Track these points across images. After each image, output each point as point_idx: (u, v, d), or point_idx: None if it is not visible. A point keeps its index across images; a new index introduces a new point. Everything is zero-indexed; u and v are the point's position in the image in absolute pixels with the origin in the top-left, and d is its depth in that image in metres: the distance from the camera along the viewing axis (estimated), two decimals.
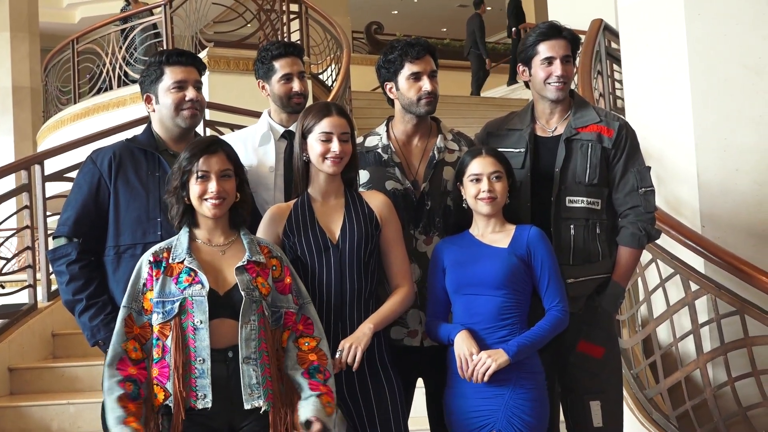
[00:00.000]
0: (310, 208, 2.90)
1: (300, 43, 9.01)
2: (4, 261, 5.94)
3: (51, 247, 3.07)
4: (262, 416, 2.55)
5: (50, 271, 5.81)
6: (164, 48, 9.21)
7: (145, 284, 2.61)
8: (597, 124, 3.14)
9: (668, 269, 4.26)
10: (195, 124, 3.11)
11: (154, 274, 2.60)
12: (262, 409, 2.53)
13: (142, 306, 2.60)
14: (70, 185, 5.86)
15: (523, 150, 3.15)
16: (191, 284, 2.56)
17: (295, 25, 10.02)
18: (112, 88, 9.87)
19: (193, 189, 2.66)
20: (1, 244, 6.28)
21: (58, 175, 5.96)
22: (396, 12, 22.05)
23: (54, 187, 6.15)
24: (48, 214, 5.98)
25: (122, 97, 9.46)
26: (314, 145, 2.87)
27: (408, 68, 3.07)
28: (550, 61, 3.12)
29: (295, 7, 10.00)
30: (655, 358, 4.27)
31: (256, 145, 3.41)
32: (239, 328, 2.54)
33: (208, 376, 2.51)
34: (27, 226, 5.84)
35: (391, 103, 3.18)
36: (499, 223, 2.95)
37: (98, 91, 10.17)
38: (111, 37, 10.19)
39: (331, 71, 10.03)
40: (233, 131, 6.43)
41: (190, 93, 3.05)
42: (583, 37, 6.38)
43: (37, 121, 13.40)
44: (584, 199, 3.09)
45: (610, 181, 3.14)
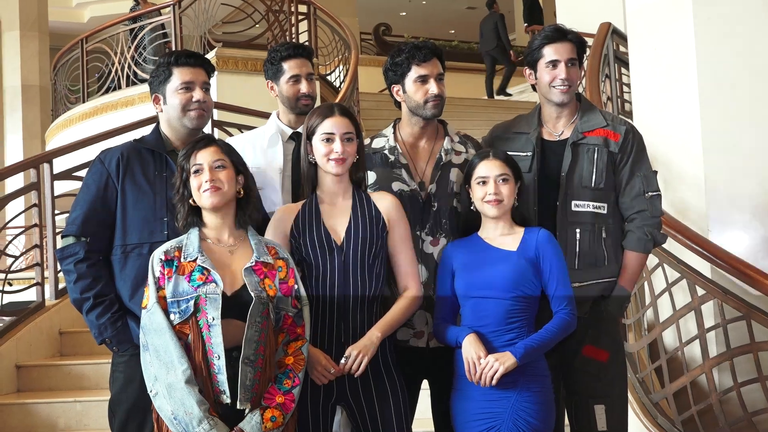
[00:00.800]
0: (317, 209, 2.91)
1: (309, 45, 9.03)
2: (13, 259, 5.94)
3: (59, 246, 3.09)
4: None
5: (58, 269, 5.83)
6: (173, 48, 9.24)
7: (158, 281, 2.62)
8: (604, 129, 3.14)
9: (675, 273, 4.26)
10: (202, 125, 3.13)
11: (166, 272, 2.61)
12: (246, 411, 2.55)
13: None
14: (79, 184, 5.93)
15: (529, 154, 3.15)
16: (205, 283, 2.57)
17: (304, 26, 10.03)
18: (120, 88, 9.89)
19: (192, 185, 2.69)
20: (10, 242, 6.31)
21: (67, 174, 5.99)
22: (404, 13, 22.06)
23: (62, 186, 6.17)
24: (56, 212, 6.00)
25: (131, 97, 9.48)
26: (318, 146, 2.87)
27: (415, 71, 3.07)
28: (554, 64, 3.13)
29: (303, 9, 10.01)
30: (661, 363, 4.27)
31: (265, 147, 3.42)
32: (246, 328, 2.55)
33: (224, 372, 2.53)
34: (35, 224, 5.86)
35: (399, 105, 3.19)
36: (508, 225, 2.95)
37: (107, 91, 10.20)
38: (120, 36, 10.21)
39: (339, 72, 10.04)
40: (241, 131, 6.47)
41: (197, 94, 3.07)
42: (591, 41, 6.39)
43: (46, 120, 13.45)
44: (590, 204, 3.09)
45: (617, 186, 3.14)
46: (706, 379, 4.09)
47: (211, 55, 8.55)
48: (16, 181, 9.08)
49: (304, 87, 3.41)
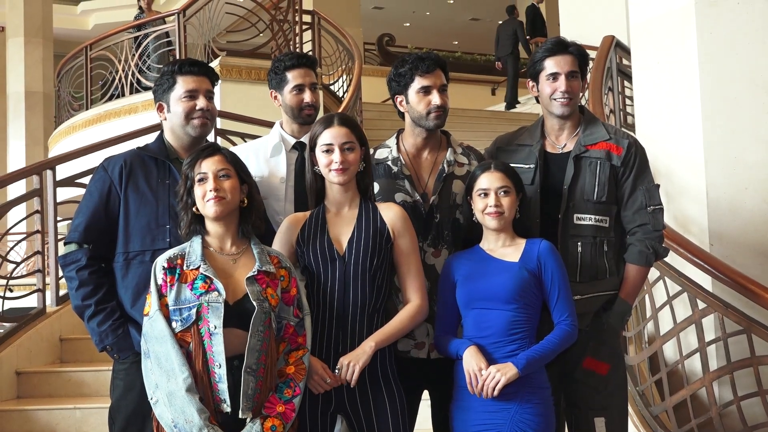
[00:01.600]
0: (323, 219, 2.92)
1: (312, 55, 9.06)
2: (14, 265, 5.95)
3: (62, 253, 3.10)
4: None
5: (59, 276, 5.84)
6: (177, 56, 9.26)
7: (160, 289, 2.62)
8: (606, 142, 3.14)
9: (676, 287, 4.26)
10: (205, 133, 3.14)
11: (168, 280, 2.61)
12: (247, 420, 2.56)
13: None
14: (81, 191, 5.93)
15: (532, 166, 3.16)
16: (207, 291, 2.58)
17: (308, 35, 10.07)
18: (124, 95, 9.91)
19: (196, 193, 2.70)
20: (12, 248, 6.33)
21: (69, 181, 5.99)
22: (408, 24, 22.13)
23: (65, 192, 6.18)
24: (58, 219, 6.01)
25: (134, 104, 9.50)
26: (319, 157, 2.89)
27: (418, 82, 3.08)
28: (555, 76, 3.13)
29: (307, 18, 10.06)
30: (661, 376, 4.27)
31: (268, 156, 3.43)
32: (248, 337, 2.55)
33: (225, 381, 2.53)
34: (37, 231, 5.87)
35: (402, 115, 3.20)
36: (509, 237, 2.95)
37: (110, 98, 10.22)
38: (124, 44, 10.25)
39: (343, 82, 10.08)
40: (244, 140, 6.48)
41: (200, 102, 3.08)
42: (594, 54, 6.41)
43: (49, 126, 13.50)
44: (592, 217, 3.09)
45: (619, 199, 3.14)
46: (707, 392, 4.09)
47: (215, 64, 8.56)
48: (18, 188, 9.10)
49: (307, 97, 3.41)
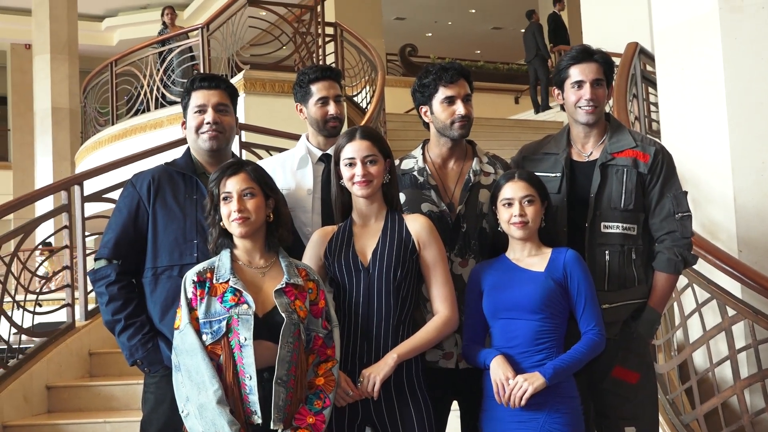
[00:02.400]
0: (350, 231, 2.93)
1: (333, 65, 9.09)
2: (43, 280, 6.00)
3: (92, 269, 3.13)
4: None
5: (88, 291, 5.89)
6: (201, 70, 9.33)
7: (190, 302, 2.64)
8: (633, 149, 3.12)
9: (704, 294, 4.23)
10: (218, 146, 3.14)
11: (198, 293, 2.63)
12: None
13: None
14: (108, 205, 5.99)
15: (559, 175, 3.15)
16: (237, 304, 2.59)
17: (330, 47, 10.11)
18: (149, 110, 10.00)
19: (222, 211, 2.71)
20: (41, 263, 6.38)
21: (97, 196, 6.04)
22: (430, 34, 22.15)
23: (92, 207, 6.23)
24: (87, 234, 6.05)
25: (159, 119, 9.58)
26: (343, 171, 2.90)
27: (442, 92, 3.08)
28: (580, 84, 3.12)
29: (330, 30, 10.10)
30: (692, 384, 4.24)
31: (294, 169, 3.45)
32: (278, 349, 2.56)
33: (256, 393, 2.54)
34: (66, 246, 5.92)
35: (427, 126, 3.20)
36: (535, 246, 2.95)
37: (136, 113, 10.32)
38: (149, 59, 10.35)
39: (366, 93, 10.10)
40: (269, 153, 6.51)
41: (208, 116, 3.10)
42: (618, 61, 6.38)
43: (76, 142, 13.63)
44: (620, 225, 3.08)
45: (647, 207, 3.12)
46: (738, 400, 4.05)
47: (238, 77, 8.62)
48: (46, 203, 9.18)
49: (331, 109, 3.42)
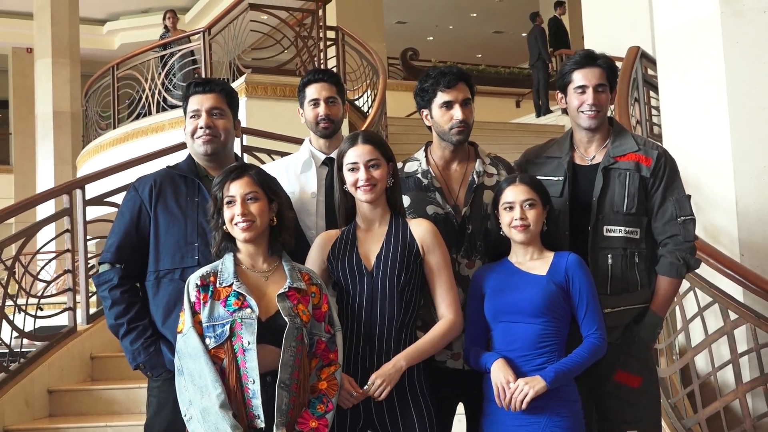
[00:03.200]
0: (354, 235, 2.93)
1: (335, 70, 9.09)
2: (45, 284, 6.01)
3: (96, 273, 3.13)
4: None
5: (89, 294, 5.89)
6: (202, 74, 9.35)
7: (193, 306, 2.64)
8: (635, 153, 3.13)
9: (706, 298, 4.22)
10: (213, 150, 3.13)
11: (201, 297, 2.63)
12: None
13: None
14: (110, 209, 5.99)
15: (561, 178, 3.15)
16: (240, 308, 2.59)
17: (332, 51, 10.12)
18: (150, 114, 10.01)
19: (225, 215, 2.71)
20: (43, 267, 6.39)
21: (99, 200, 6.04)
22: (431, 38, 22.18)
23: (94, 211, 6.23)
24: (88, 237, 6.05)
25: (161, 123, 9.59)
26: (346, 176, 2.91)
27: (440, 97, 3.08)
28: (583, 89, 3.13)
29: (331, 34, 10.10)
30: (694, 388, 4.23)
31: (298, 172, 3.47)
32: (282, 353, 2.56)
33: (259, 397, 2.54)
34: (67, 250, 5.92)
35: (430, 129, 3.20)
36: (537, 250, 2.95)
37: (137, 117, 10.33)
38: (150, 63, 10.36)
39: (367, 97, 10.10)
40: (271, 156, 6.52)
41: (201, 121, 3.11)
42: (620, 64, 6.38)
43: (77, 146, 13.64)
44: (622, 228, 3.08)
45: (649, 210, 3.12)
46: (740, 404, 4.04)
47: (240, 81, 8.63)
48: (48, 207, 9.20)
49: (321, 110, 3.44)
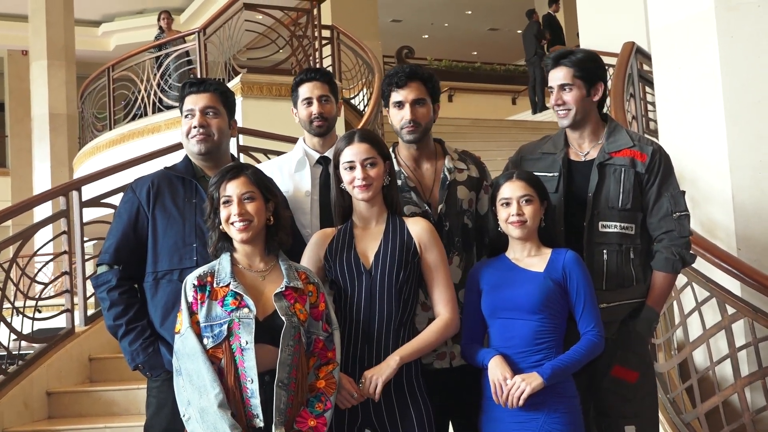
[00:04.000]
0: (351, 234, 2.93)
1: (329, 68, 9.08)
2: (42, 286, 6.00)
3: (94, 275, 3.14)
4: None
5: (87, 296, 5.88)
6: (198, 74, 9.34)
7: (191, 306, 2.64)
8: (630, 149, 3.13)
9: (704, 292, 4.23)
10: (207, 149, 3.13)
11: (199, 297, 2.63)
12: None
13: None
14: (107, 210, 5.99)
15: (556, 174, 3.16)
16: (238, 308, 2.59)
17: (327, 50, 10.12)
18: (146, 115, 9.99)
19: (222, 215, 2.71)
20: (40, 269, 6.38)
21: (95, 201, 6.04)
22: (426, 36, 22.17)
23: (91, 213, 6.23)
24: (85, 239, 6.05)
25: (157, 124, 9.57)
26: (343, 175, 2.90)
27: (393, 96, 3.09)
28: (552, 90, 3.16)
29: (326, 33, 10.10)
30: (692, 382, 4.24)
31: (292, 171, 3.47)
32: (279, 352, 2.56)
33: (258, 396, 2.54)
34: (65, 252, 5.92)
35: None
36: (535, 246, 2.95)
37: (133, 118, 10.31)
38: (146, 64, 10.35)
39: (363, 96, 10.10)
40: (267, 156, 6.51)
41: (194, 120, 3.11)
42: (615, 60, 6.40)
43: (73, 148, 13.62)
44: (617, 224, 3.08)
45: (644, 206, 3.13)
46: (739, 398, 4.05)
47: (235, 81, 8.62)
48: (44, 209, 9.18)
49: (315, 108, 3.44)
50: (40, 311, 5.86)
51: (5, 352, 5.30)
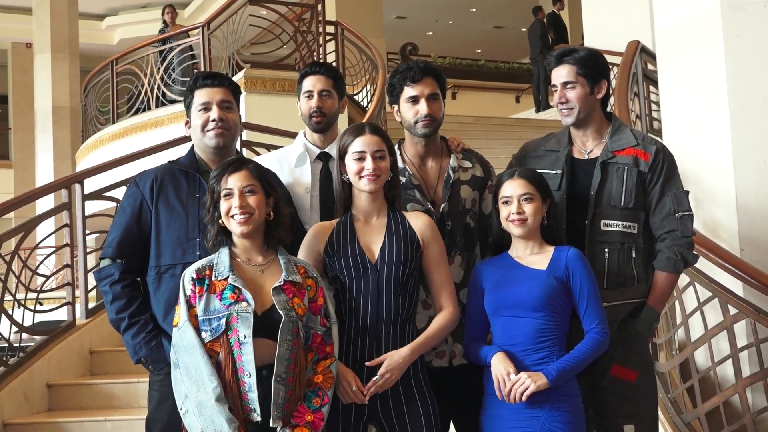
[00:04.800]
0: (351, 227, 2.92)
1: (335, 65, 9.07)
2: (44, 278, 6.00)
3: (97, 268, 3.14)
4: None
5: (88, 289, 5.89)
6: (201, 69, 9.33)
7: (189, 299, 2.63)
8: (634, 148, 3.12)
9: (706, 292, 4.23)
10: (225, 143, 3.14)
11: (197, 291, 2.63)
12: (278, 430, 2.56)
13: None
14: (109, 204, 5.99)
15: (559, 172, 3.15)
16: (236, 301, 2.59)
17: (331, 46, 10.10)
18: (149, 109, 10.00)
19: (222, 208, 2.71)
20: (42, 262, 6.38)
21: (97, 194, 6.03)
22: (431, 33, 22.14)
23: (93, 206, 6.23)
24: (87, 232, 6.05)
25: (160, 117, 9.57)
26: (350, 165, 2.89)
27: (406, 91, 3.10)
28: (555, 88, 3.15)
29: (330, 29, 10.09)
30: (693, 383, 4.23)
31: (293, 166, 3.45)
32: (277, 346, 2.56)
33: (255, 390, 2.54)
34: (66, 244, 5.92)
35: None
36: (537, 244, 2.94)
37: (136, 112, 10.32)
38: (149, 58, 10.35)
39: (367, 92, 10.09)
40: (269, 151, 6.50)
41: (213, 113, 3.10)
42: (619, 59, 6.39)
43: (76, 141, 13.63)
44: (620, 223, 3.08)
45: (647, 205, 3.12)
46: (740, 399, 4.05)
47: (239, 76, 8.62)
48: (47, 202, 9.18)
49: (314, 102, 3.43)
50: (41, 303, 5.86)
51: (6, 344, 5.31)
